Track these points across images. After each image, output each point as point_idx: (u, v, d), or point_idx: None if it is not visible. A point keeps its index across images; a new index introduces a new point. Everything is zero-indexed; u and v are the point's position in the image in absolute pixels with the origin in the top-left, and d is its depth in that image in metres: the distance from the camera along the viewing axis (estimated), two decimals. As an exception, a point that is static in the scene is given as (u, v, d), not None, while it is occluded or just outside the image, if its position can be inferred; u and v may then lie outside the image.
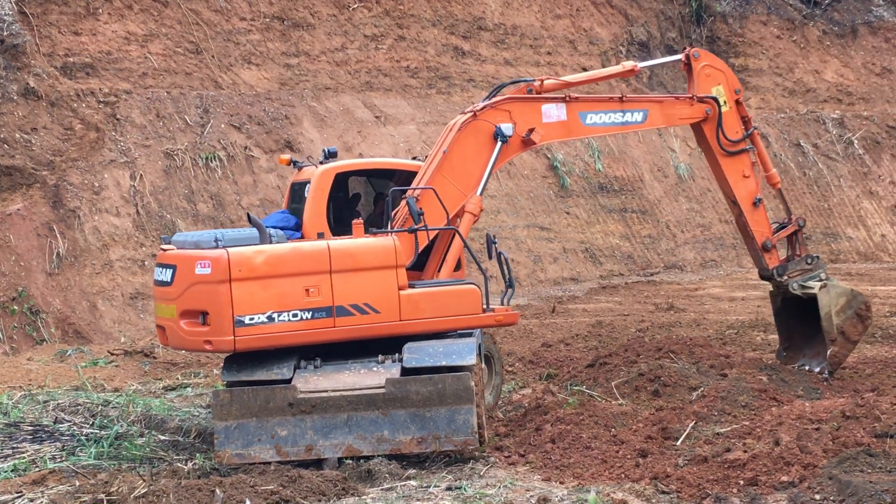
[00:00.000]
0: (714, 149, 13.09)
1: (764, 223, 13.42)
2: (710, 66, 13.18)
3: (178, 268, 10.78)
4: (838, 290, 13.37)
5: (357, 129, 24.93)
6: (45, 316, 18.59)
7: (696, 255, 28.71)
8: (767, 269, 13.42)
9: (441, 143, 12.02)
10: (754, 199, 13.27)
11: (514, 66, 29.43)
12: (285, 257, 10.78)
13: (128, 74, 22.93)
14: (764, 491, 9.02)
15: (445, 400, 10.34)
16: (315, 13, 26.55)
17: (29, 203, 19.65)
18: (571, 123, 12.34)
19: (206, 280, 10.50)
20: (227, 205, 21.88)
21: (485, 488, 9.59)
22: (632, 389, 12.30)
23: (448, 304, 11.27)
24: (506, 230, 25.55)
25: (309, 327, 10.71)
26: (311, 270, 10.76)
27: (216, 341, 10.55)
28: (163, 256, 11.22)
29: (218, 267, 10.44)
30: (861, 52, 34.36)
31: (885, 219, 31.30)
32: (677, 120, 13.15)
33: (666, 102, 13.03)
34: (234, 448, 10.37)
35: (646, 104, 12.87)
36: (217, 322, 10.50)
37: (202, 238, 10.97)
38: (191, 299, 10.65)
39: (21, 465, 10.84)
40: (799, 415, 10.89)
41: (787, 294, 13.50)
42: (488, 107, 12.01)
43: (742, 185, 13.21)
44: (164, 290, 11.00)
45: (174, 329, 10.91)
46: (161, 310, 11.20)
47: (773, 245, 13.42)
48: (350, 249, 10.95)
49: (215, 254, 10.55)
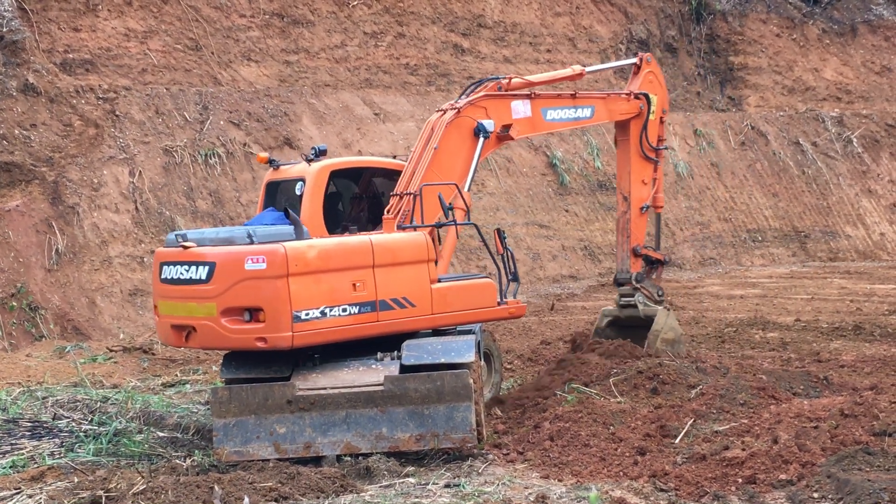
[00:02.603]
0: (633, 146, 13.78)
1: (642, 231, 14.13)
2: (654, 74, 14.02)
3: (217, 265, 10.38)
4: (675, 324, 14.05)
5: (356, 126, 24.92)
6: (43, 312, 18.58)
7: (695, 253, 28.72)
8: (629, 273, 13.98)
9: (426, 140, 12.06)
10: (642, 206, 14.01)
11: (513, 63, 29.43)
12: (334, 252, 10.69)
13: (127, 71, 22.93)
14: (762, 489, 9.02)
15: (444, 397, 10.34)
16: (315, 10, 26.55)
17: (28, 199, 19.64)
18: (535, 119, 12.77)
19: (260, 276, 10.19)
20: (226, 201, 21.88)
21: (483, 486, 9.59)
22: (630, 387, 12.29)
23: (470, 297, 11.59)
24: (505, 227, 25.55)
25: (356, 322, 10.67)
26: (358, 265, 10.74)
27: (272, 338, 10.26)
28: (190, 254, 10.70)
29: (275, 262, 10.18)
30: (860, 51, 34.38)
31: (884, 217, 31.32)
32: (618, 115, 13.73)
33: (609, 98, 13.61)
34: (233, 445, 10.37)
35: (593, 100, 13.43)
36: (274, 318, 10.23)
37: (234, 234, 10.69)
38: (238, 296, 10.30)
39: (19, 462, 10.83)
40: (797, 413, 10.88)
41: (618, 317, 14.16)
42: (468, 104, 12.17)
43: (640, 188, 13.94)
44: (195, 288, 10.55)
45: (210, 328, 10.50)
46: (188, 309, 10.71)
47: (640, 254, 14.06)
48: (389, 244, 11.01)
49: (270, 248, 10.28)
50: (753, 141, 31.35)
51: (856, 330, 17.28)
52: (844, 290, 23.21)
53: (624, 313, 14.15)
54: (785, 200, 30.76)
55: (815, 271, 27.71)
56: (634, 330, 13.95)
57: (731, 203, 30.18)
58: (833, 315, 19.29)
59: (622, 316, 14.19)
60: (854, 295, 22.32)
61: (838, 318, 18.70)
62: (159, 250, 11.26)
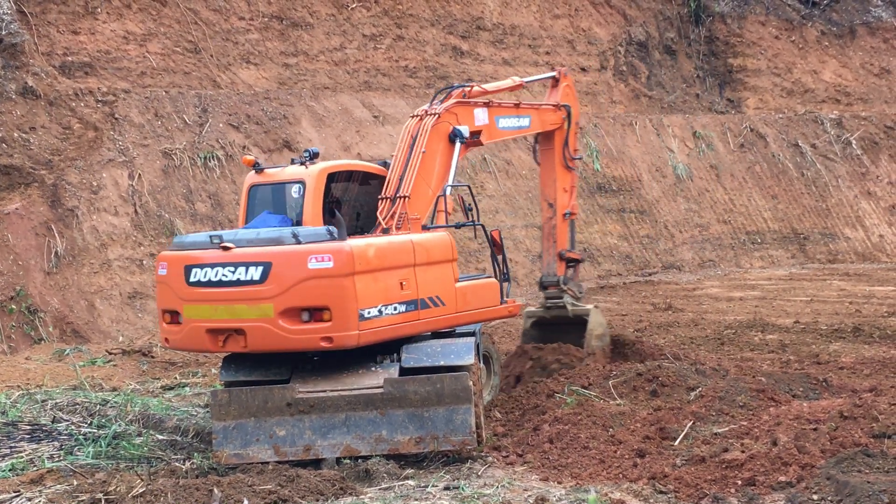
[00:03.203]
0: (557, 156, 14.31)
1: (565, 236, 14.67)
2: (570, 87, 14.59)
3: (274, 264, 10.21)
4: (602, 320, 14.67)
5: (355, 128, 24.93)
6: (43, 315, 18.58)
7: (695, 255, 28.72)
8: (556, 276, 14.54)
9: (409, 144, 12.12)
10: (565, 212, 14.59)
11: (512, 65, 29.45)
12: (387, 251, 10.76)
13: (126, 74, 22.93)
14: (762, 491, 9.03)
15: (443, 400, 10.34)
16: (314, 13, 26.56)
17: (27, 202, 19.64)
18: (491, 126, 13.10)
19: (325, 274, 10.10)
20: (226, 204, 21.88)
21: (483, 488, 9.59)
22: (630, 389, 12.30)
23: (481, 296, 11.93)
24: (504, 230, 25.55)
25: (404, 320, 10.76)
26: (403, 264, 10.85)
27: (338, 337, 10.16)
28: (236, 255, 10.41)
29: (341, 260, 10.13)
30: (859, 53, 34.39)
31: (883, 219, 31.32)
32: (548, 125, 14.16)
33: (541, 109, 14.01)
34: (233, 448, 10.36)
35: (529, 111, 13.79)
36: (341, 317, 10.14)
37: (281, 234, 10.49)
38: (300, 296, 10.16)
39: (19, 465, 10.83)
40: (797, 415, 10.89)
41: (543, 318, 14.67)
42: (445, 110, 12.38)
43: (563, 195, 14.52)
44: (245, 289, 10.30)
45: (265, 330, 10.29)
46: (234, 311, 10.41)
47: (564, 258, 14.62)
48: (425, 244, 11.17)
49: (335, 246, 10.21)
50: (752, 143, 31.37)
51: (855, 332, 17.28)
52: (844, 292, 23.22)
53: (551, 314, 14.60)
54: (784, 202, 30.77)
55: (814, 273, 27.72)
56: (560, 329, 14.36)
57: (730, 205, 30.19)
58: (832, 317, 19.29)
59: (548, 317, 14.64)
60: (853, 297, 22.32)
61: (837, 320, 18.70)
62: (180, 254, 10.82)
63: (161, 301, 11.09)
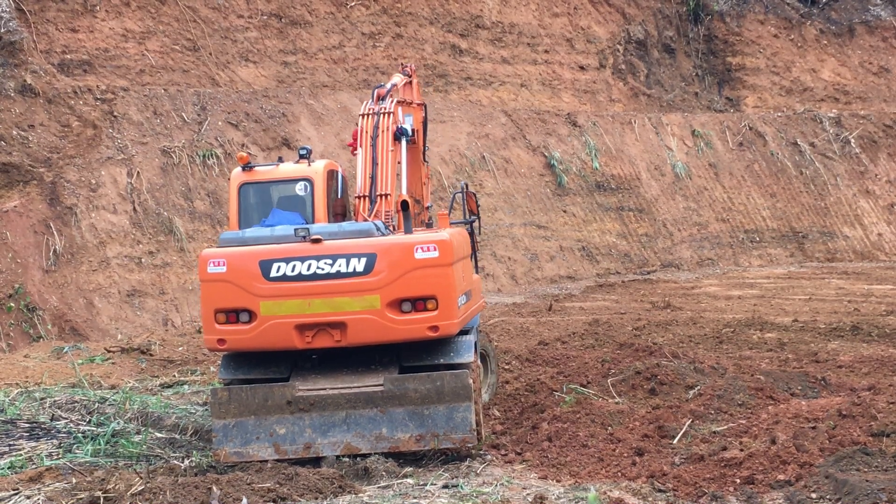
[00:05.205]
0: (419, 148, 14.06)
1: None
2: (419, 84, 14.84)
3: (379, 255, 10.27)
4: None
5: (354, 126, 24.92)
6: (41, 313, 18.58)
7: (693, 254, 28.72)
8: None
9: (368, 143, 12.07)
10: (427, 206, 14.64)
11: (511, 64, 29.44)
12: (462, 242, 11.49)
13: (125, 72, 22.92)
14: (760, 489, 9.03)
15: (444, 398, 10.34)
16: (312, 11, 26.55)
17: (26, 200, 19.63)
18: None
19: (432, 264, 10.31)
20: (224, 202, 21.87)
21: (481, 486, 9.59)
22: (628, 388, 12.31)
23: (478, 290, 12.50)
24: (503, 228, 25.56)
25: (466, 310, 11.15)
26: (462, 256, 11.36)
27: (444, 325, 10.38)
28: (333, 247, 10.33)
29: (445, 249, 10.40)
30: (858, 52, 34.40)
31: (882, 218, 31.33)
32: (418, 122, 14.08)
33: (414, 107, 14.03)
34: (233, 446, 10.36)
35: (412, 110, 13.86)
36: (446, 305, 10.38)
37: (365, 227, 10.57)
38: (408, 286, 10.30)
39: (18, 463, 10.83)
40: (795, 413, 10.90)
41: None
42: (394, 109, 12.43)
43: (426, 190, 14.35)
44: (347, 282, 10.23)
45: (371, 322, 10.28)
46: (333, 305, 10.28)
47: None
48: (459, 238, 11.45)
49: (438, 236, 10.53)
50: (751, 141, 31.37)
51: (853, 330, 17.29)
52: (842, 291, 23.22)
53: None
54: (783, 201, 30.76)
55: (812, 272, 27.72)
56: None
57: (728, 203, 30.19)
58: (831, 315, 19.30)
59: None
60: (852, 295, 22.33)
61: (836, 319, 18.70)
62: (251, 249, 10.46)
63: (217, 301, 10.44)
